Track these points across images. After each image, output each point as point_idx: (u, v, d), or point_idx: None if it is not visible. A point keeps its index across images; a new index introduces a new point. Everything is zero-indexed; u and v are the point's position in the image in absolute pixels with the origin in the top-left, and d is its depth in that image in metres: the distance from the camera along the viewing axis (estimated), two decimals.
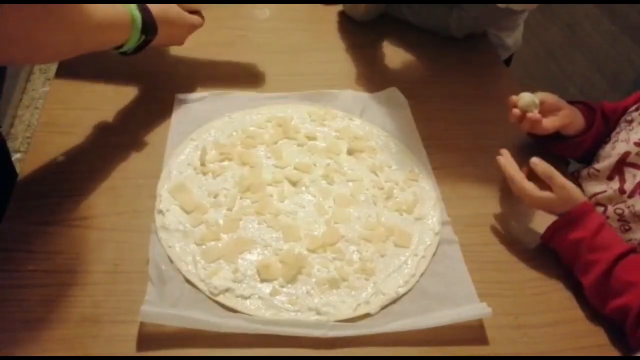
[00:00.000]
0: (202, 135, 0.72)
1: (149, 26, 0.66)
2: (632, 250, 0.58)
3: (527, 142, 0.78)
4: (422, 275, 0.60)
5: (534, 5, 0.88)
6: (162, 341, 0.51)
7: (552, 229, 0.62)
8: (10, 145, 1.78)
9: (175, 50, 0.86)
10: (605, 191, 0.67)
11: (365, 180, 0.69)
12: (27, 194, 0.62)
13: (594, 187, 0.69)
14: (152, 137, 0.71)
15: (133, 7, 0.63)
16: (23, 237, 0.58)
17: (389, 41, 0.94)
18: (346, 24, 0.97)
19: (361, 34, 0.95)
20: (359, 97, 0.81)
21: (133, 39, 0.64)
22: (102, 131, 0.71)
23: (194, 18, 0.75)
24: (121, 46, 0.65)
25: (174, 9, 0.71)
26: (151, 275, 0.56)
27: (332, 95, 0.80)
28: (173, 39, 0.75)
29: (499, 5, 0.84)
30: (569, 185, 0.62)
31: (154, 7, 0.66)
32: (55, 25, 0.52)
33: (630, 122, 0.69)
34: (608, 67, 1.57)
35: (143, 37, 0.65)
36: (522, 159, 0.75)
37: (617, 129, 0.71)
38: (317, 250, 0.60)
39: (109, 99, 0.76)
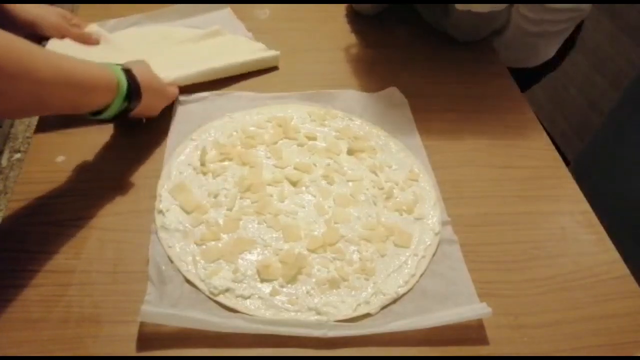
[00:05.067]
0: (202, 135, 0.72)
1: (134, 93, 0.61)
2: None
3: (527, 142, 0.78)
4: (422, 275, 0.60)
5: (499, 6, 0.84)
6: (162, 341, 0.52)
7: None
8: (10, 145, 1.78)
9: None
10: None
11: (365, 180, 0.69)
12: (26, 194, 0.62)
13: None
14: (152, 137, 0.71)
15: (119, 71, 0.60)
16: (23, 237, 0.58)
17: (389, 41, 0.94)
18: (346, 24, 0.97)
19: (361, 33, 0.95)
20: (359, 97, 0.81)
21: (115, 105, 0.59)
22: (102, 131, 0.71)
23: (173, 90, 0.73)
24: (99, 111, 0.59)
25: (157, 79, 0.67)
26: (151, 275, 0.56)
27: (332, 95, 0.80)
28: (151, 110, 0.69)
29: (457, 6, 0.83)
30: None
31: (138, 74, 0.62)
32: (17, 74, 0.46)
33: None
34: (608, 67, 1.57)
35: (126, 104, 0.61)
36: (522, 158, 0.76)
37: None
38: (317, 250, 0.60)
39: None
